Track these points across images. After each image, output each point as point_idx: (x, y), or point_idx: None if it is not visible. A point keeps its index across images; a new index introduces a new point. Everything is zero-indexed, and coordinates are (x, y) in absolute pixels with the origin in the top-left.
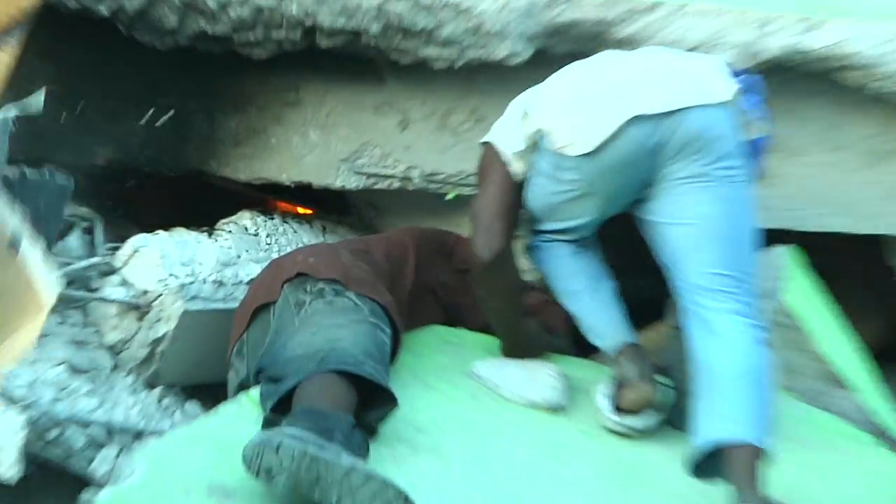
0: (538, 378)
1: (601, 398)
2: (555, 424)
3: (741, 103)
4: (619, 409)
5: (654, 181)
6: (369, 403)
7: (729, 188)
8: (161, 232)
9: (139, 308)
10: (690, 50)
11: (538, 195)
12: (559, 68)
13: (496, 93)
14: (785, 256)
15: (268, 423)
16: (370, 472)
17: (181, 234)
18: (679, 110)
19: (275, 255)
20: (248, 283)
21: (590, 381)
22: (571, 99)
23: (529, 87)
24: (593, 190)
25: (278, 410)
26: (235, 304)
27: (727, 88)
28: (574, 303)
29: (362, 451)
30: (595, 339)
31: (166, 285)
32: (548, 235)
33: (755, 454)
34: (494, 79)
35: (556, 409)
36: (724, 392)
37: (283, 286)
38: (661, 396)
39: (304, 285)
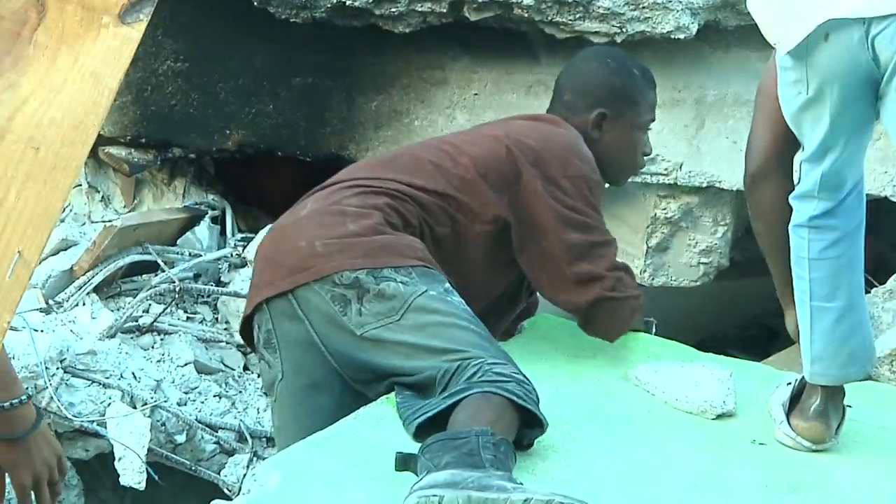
0: (705, 382)
1: (777, 407)
2: (722, 432)
3: None
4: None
5: (880, 95)
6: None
7: None
8: None
9: None
10: None
11: (783, 103)
12: (728, 44)
13: (660, 71)
14: None
15: (402, 462)
16: (544, 495)
17: None
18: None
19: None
20: None
21: (761, 387)
22: None
23: (696, 64)
24: (817, 96)
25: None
26: None
27: None
28: (815, 318)
29: (510, 463)
30: (804, 357)
31: None
32: (807, 203)
33: None
34: (659, 55)
35: (724, 416)
36: None
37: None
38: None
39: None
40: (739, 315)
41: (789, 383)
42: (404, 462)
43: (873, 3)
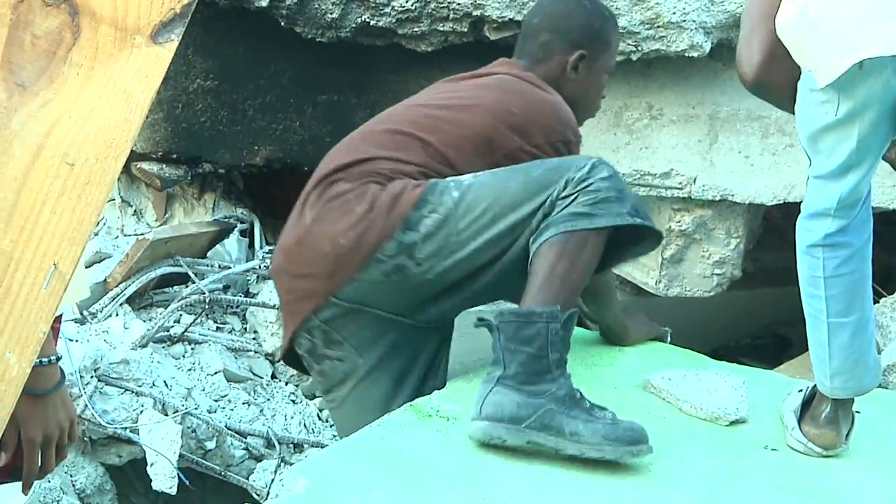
0: (719, 390)
1: (789, 414)
2: (735, 438)
3: None
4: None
5: None
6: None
7: None
8: None
9: None
10: None
11: (804, 118)
12: None
13: (673, 88)
14: None
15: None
16: (595, 448)
17: None
18: None
19: None
20: None
21: (773, 394)
22: None
23: (709, 81)
24: (847, 119)
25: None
26: None
27: None
28: (833, 334)
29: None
30: (821, 375)
31: None
32: (822, 221)
33: None
34: (672, 73)
35: (737, 422)
36: None
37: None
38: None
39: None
40: (752, 324)
41: (801, 390)
42: (481, 322)
43: None
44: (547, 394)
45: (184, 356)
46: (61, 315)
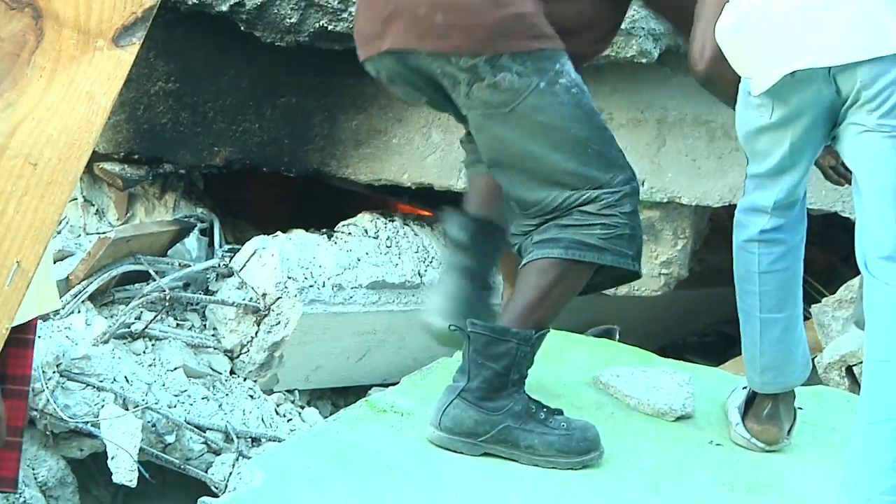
0: (665, 387)
1: (733, 410)
2: (681, 433)
3: None
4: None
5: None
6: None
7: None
8: (280, 234)
9: (257, 311)
10: None
11: (741, 119)
12: (688, 68)
13: (623, 93)
14: None
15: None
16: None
17: (300, 237)
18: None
19: (395, 259)
20: (369, 286)
21: (718, 390)
22: None
23: (658, 87)
24: (780, 123)
25: None
26: (355, 308)
27: None
28: (765, 329)
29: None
30: (751, 370)
31: (285, 288)
32: (759, 217)
33: None
34: (622, 78)
35: (683, 418)
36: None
37: None
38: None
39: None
40: (697, 323)
41: (745, 388)
42: (449, 333)
43: (835, 52)
44: (504, 410)
45: (144, 352)
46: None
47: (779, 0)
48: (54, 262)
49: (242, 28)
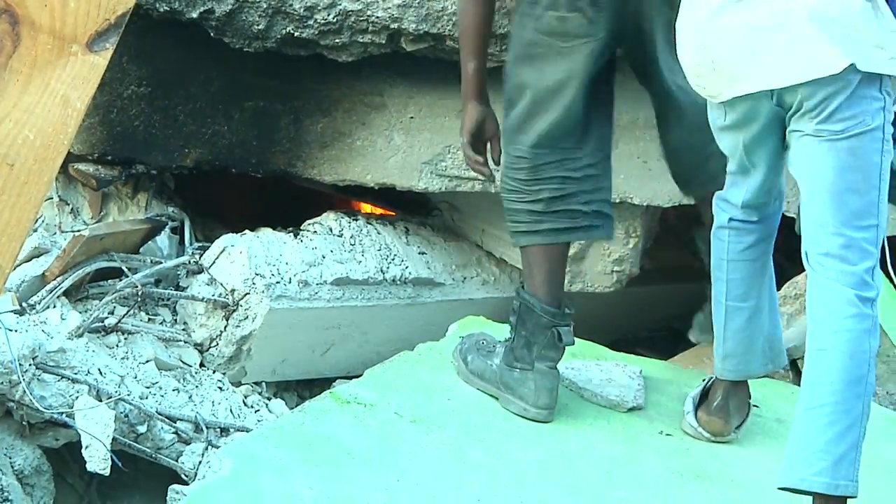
0: (618, 379)
1: (689, 399)
2: (633, 424)
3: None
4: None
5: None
6: None
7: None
8: (248, 232)
9: (226, 306)
10: None
11: (709, 113)
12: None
13: None
14: None
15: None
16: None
17: (267, 235)
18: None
19: (359, 256)
20: (334, 283)
21: (668, 383)
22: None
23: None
24: (733, 126)
25: None
26: (320, 304)
27: (842, 57)
28: (730, 317)
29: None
30: (716, 356)
31: (253, 284)
32: (731, 208)
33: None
34: None
35: (635, 409)
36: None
37: None
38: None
39: None
40: (648, 318)
41: (704, 379)
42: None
43: (776, 74)
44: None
45: (117, 346)
46: None
47: (727, 17)
48: (30, 260)
49: (212, 34)
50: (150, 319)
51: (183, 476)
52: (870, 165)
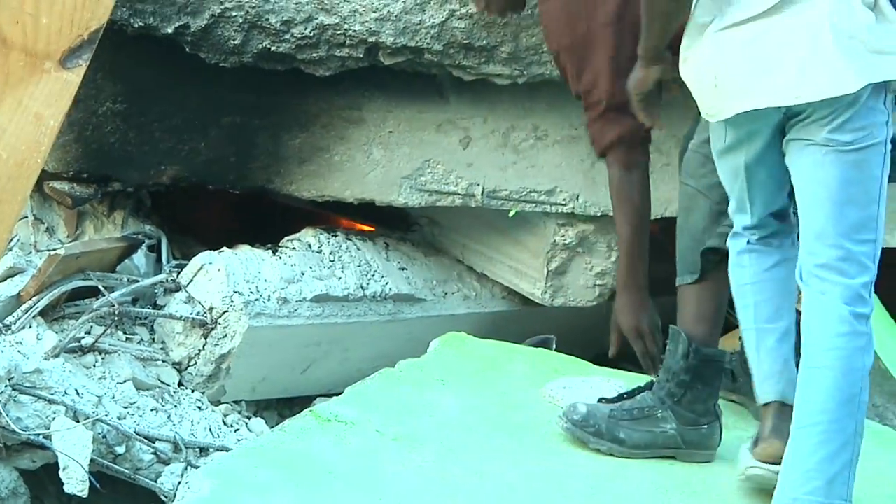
0: (602, 394)
1: (743, 450)
2: None
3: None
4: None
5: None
6: None
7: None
8: (226, 249)
9: (205, 325)
10: None
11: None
12: None
13: (559, 110)
14: None
15: None
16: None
17: (246, 252)
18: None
19: (338, 273)
20: (313, 300)
21: None
22: None
23: None
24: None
25: None
26: (300, 321)
27: (857, 77)
28: (761, 338)
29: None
30: (757, 384)
31: (231, 302)
32: (742, 238)
33: None
34: (556, 96)
35: None
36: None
37: None
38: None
39: None
40: None
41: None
42: None
43: (789, 92)
44: None
45: (94, 365)
46: None
47: (735, 33)
48: (5, 279)
49: (188, 50)
50: (127, 339)
51: (162, 497)
52: (872, 179)
